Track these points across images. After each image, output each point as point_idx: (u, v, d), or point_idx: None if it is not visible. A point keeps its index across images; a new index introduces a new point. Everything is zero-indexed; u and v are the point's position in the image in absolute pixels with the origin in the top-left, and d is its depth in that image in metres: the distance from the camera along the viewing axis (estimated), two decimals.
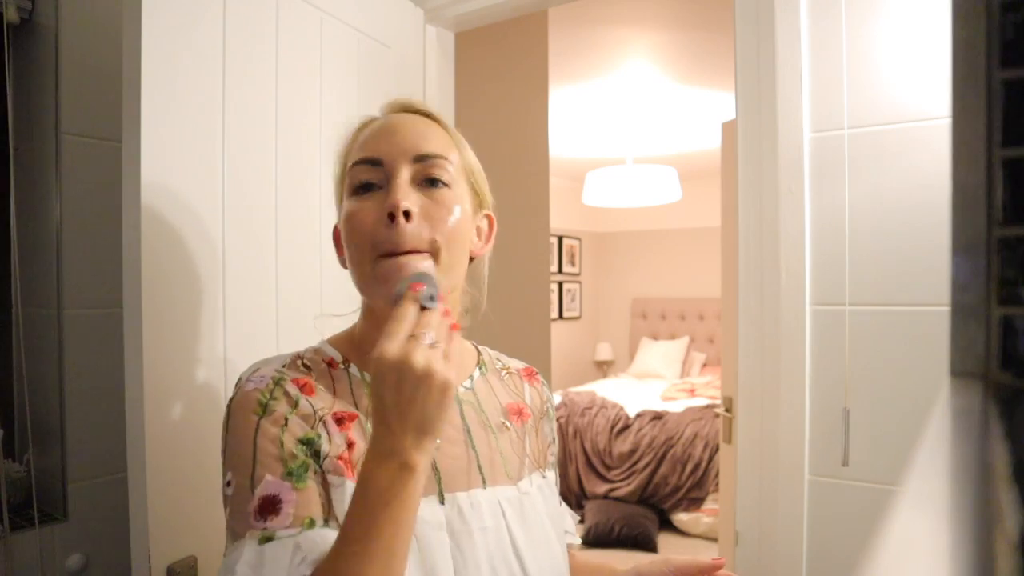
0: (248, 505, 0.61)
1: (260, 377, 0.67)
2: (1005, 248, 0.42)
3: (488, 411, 0.79)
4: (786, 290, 1.19)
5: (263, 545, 0.59)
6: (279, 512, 0.60)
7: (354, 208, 0.68)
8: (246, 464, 0.62)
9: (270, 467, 0.62)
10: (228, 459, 0.64)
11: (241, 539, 0.60)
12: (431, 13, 1.59)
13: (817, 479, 1.17)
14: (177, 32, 0.98)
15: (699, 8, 2.70)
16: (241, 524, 0.61)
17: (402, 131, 0.71)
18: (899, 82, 1.11)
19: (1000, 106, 0.42)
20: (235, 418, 0.65)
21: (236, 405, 0.66)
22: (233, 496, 0.62)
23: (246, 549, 0.59)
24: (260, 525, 0.60)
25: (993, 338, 0.43)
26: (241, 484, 0.62)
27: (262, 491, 0.61)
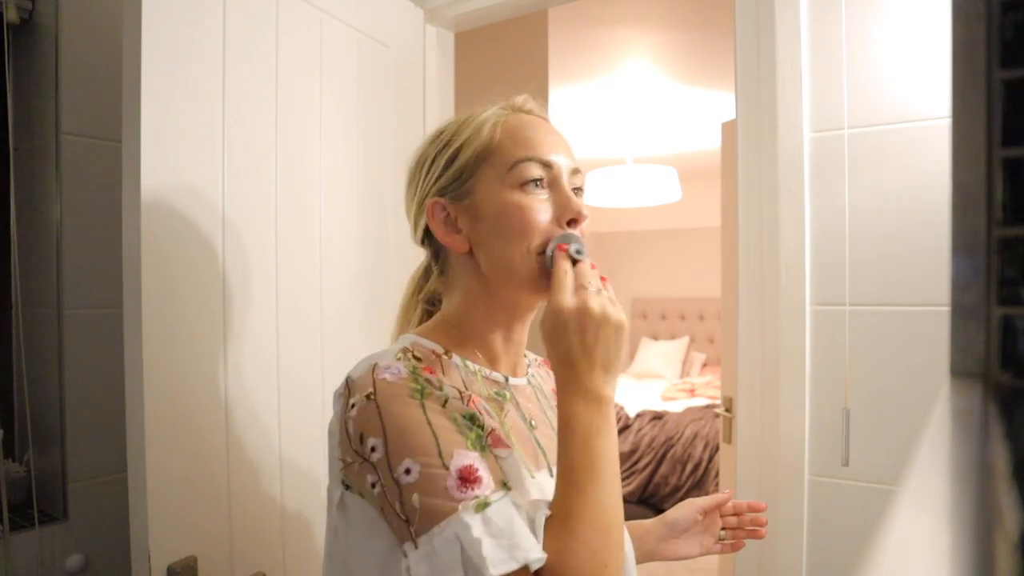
0: (445, 481, 0.59)
1: (394, 369, 0.66)
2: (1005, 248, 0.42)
3: (548, 395, 0.84)
4: (786, 290, 1.19)
5: (482, 512, 0.58)
6: (479, 480, 0.60)
7: (527, 202, 0.70)
8: (429, 444, 0.61)
9: (455, 441, 0.62)
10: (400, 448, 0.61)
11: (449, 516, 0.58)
12: (431, 13, 1.59)
13: (817, 479, 1.17)
14: (177, 32, 0.98)
15: (699, 8, 2.70)
16: (443, 502, 0.58)
17: (561, 141, 0.75)
18: (899, 82, 1.11)
19: (1000, 106, 0.42)
20: (391, 408, 0.63)
21: (385, 397, 0.63)
22: (422, 479, 0.59)
23: (468, 520, 0.57)
24: (469, 495, 0.59)
25: (993, 338, 0.43)
26: (429, 464, 0.60)
27: (457, 464, 0.60)
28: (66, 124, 1.32)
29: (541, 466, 0.72)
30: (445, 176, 0.74)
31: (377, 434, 0.62)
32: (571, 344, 0.63)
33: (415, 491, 0.59)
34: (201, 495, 1.00)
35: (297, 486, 1.17)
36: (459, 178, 0.73)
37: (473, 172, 0.73)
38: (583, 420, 0.62)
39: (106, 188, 1.34)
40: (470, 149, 0.73)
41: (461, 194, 0.73)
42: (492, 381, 0.75)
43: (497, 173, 0.71)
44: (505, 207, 0.70)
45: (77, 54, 1.34)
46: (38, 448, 1.33)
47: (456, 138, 0.75)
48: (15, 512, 1.29)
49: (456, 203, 0.74)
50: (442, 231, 0.75)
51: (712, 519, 0.93)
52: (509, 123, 0.74)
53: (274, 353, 1.14)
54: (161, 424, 0.94)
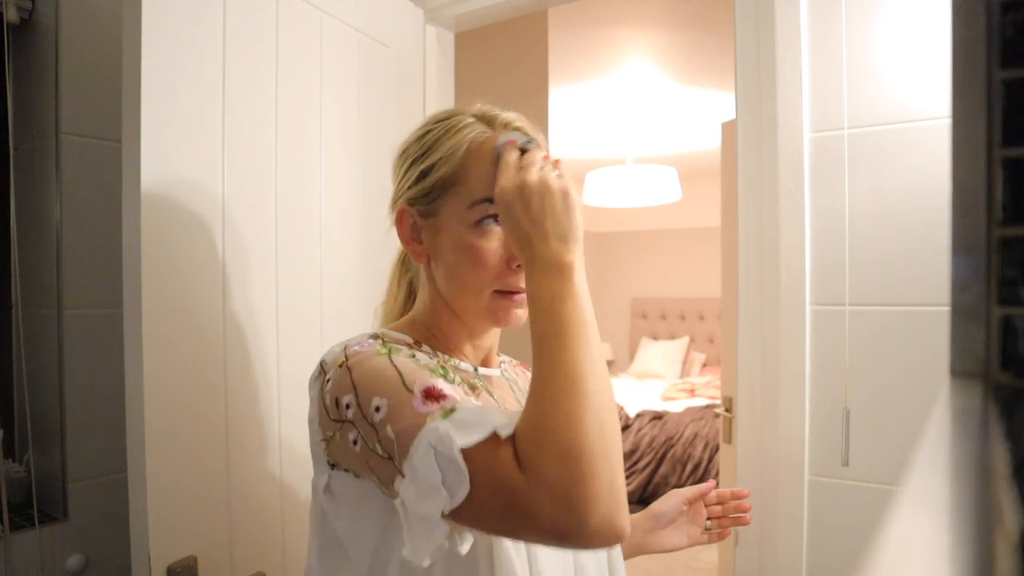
0: (411, 402, 0.59)
1: (366, 343, 0.69)
2: (1005, 248, 0.42)
3: (523, 389, 0.85)
4: (786, 290, 1.19)
5: (450, 416, 0.57)
6: (444, 396, 0.60)
7: (481, 244, 0.71)
8: (393, 379, 0.62)
9: (418, 372, 0.63)
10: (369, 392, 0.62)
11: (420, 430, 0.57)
12: (431, 13, 1.59)
13: (817, 479, 1.17)
14: (177, 32, 0.98)
15: (699, 8, 2.70)
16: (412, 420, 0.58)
17: None
18: (899, 82, 1.11)
19: (1000, 106, 0.42)
20: (361, 365, 0.65)
21: (356, 359, 0.66)
22: (391, 410, 0.60)
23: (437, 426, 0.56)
24: (435, 407, 0.58)
25: (993, 338, 0.43)
26: (395, 393, 0.61)
27: (420, 386, 0.61)
28: (66, 124, 1.32)
29: None
30: (416, 188, 0.76)
31: (349, 391, 0.64)
32: (519, 220, 0.64)
33: (387, 423, 0.60)
34: (201, 495, 1.00)
35: (297, 486, 1.17)
36: (427, 195, 0.75)
37: (439, 195, 0.74)
38: (545, 290, 0.61)
39: (106, 188, 1.34)
40: (440, 171, 0.74)
41: (427, 211, 0.75)
42: (462, 370, 0.76)
43: (460, 204, 0.72)
44: (460, 244, 0.72)
45: (77, 54, 1.34)
46: (38, 448, 1.33)
47: (433, 151, 0.75)
48: (15, 512, 1.29)
49: (422, 217, 0.76)
50: (406, 237, 0.78)
51: (697, 509, 0.94)
52: (483, 149, 0.73)
53: (274, 353, 1.14)
54: (161, 424, 0.94)
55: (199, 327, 1.01)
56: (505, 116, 0.77)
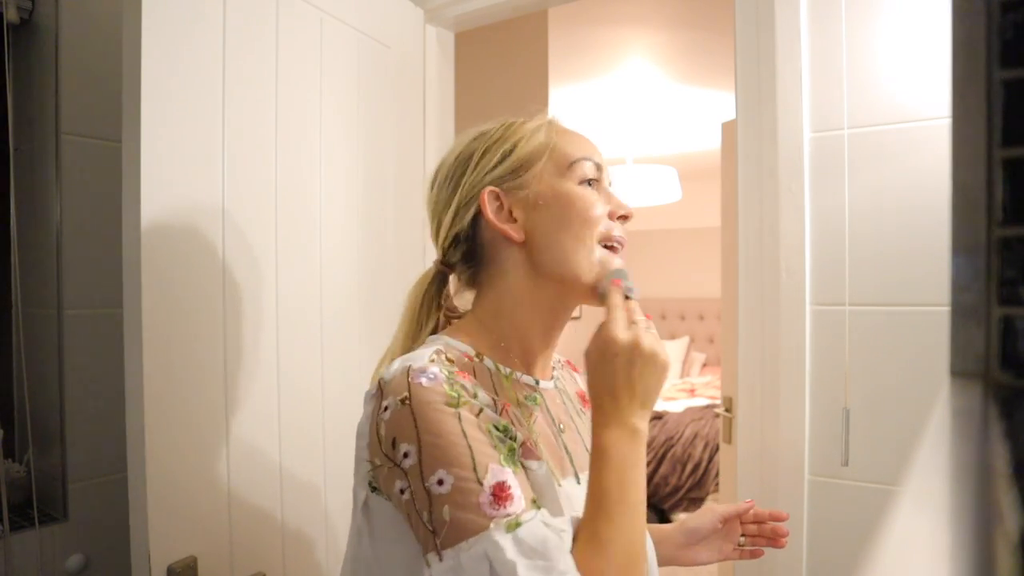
0: (478, 497, 0.58)
1: (431, 374, 0.64)
2: (1005, 248, 0.42)
3: (572, 397, 0.85)
4: (786, 290, 1.19)
5: (514, 532, 0.57)
6: (512, 498, 0.59)
7: (591, 197, 0.74)
8: (464, 457, 0.60)
9: (489, 455, 0.61)
10: (434, 457, 0.60)
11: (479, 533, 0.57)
12: (431, 13, 1.59)
13: (817, 479, 1.17)
14: (177, 32, 0.98)
15: (699, 8, 2.70)
16: (475, 517, 0.58)
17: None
18: (899, 82, 1.11)
19: (1000, 106, 0.42)
20: (427, 415, 0.61)
21: (421, 402, 0.62)
22: (454, 492, 0.59)
23: (498, 539, 0.57)
24: (501, 513, 0.58)
25: (993, 338, 0.43)
26: (464, 477, 0.59)
27: (491, 479, 0.59)
28: (66, 124, 1.32)
29: (567, 473, 0.72)
30: (500, 167, 0.75)
31: (411, 440, 0.61)
32: (617, 376, 0.64)
33: (446, 503, 0.59)
34: (201, 495, 1.00)
35: (297, 486, 1.17)
36: (516, 170, 0.74)
37: (531, 166, 0.74)
38: (619, 450, 0.63)
39: (106, 188, 1.34)
40: (529, 145, 0.75)
41: (518, 185, 0.74)
42: (523, 385, 0.75)
43: (556, 168, 0.74)
44: (568, 197, 0.73)
45: (77, 54, 1.33)
46: (38, 448, 1.33)
47: (507, 137, 0.76)
48: (15, 512, 1.28)
49: (511, 193, 0.74)
50: (496, 219, 0.74)
51: (732, 526, 0.92)
52: (559, 128, 0.78)
53: (274, 353, 1.14)
54: (161, 424, 0.94)
55: (199, 327, 1.01)
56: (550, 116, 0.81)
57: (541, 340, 0.77)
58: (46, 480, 1.35)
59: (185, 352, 0.99)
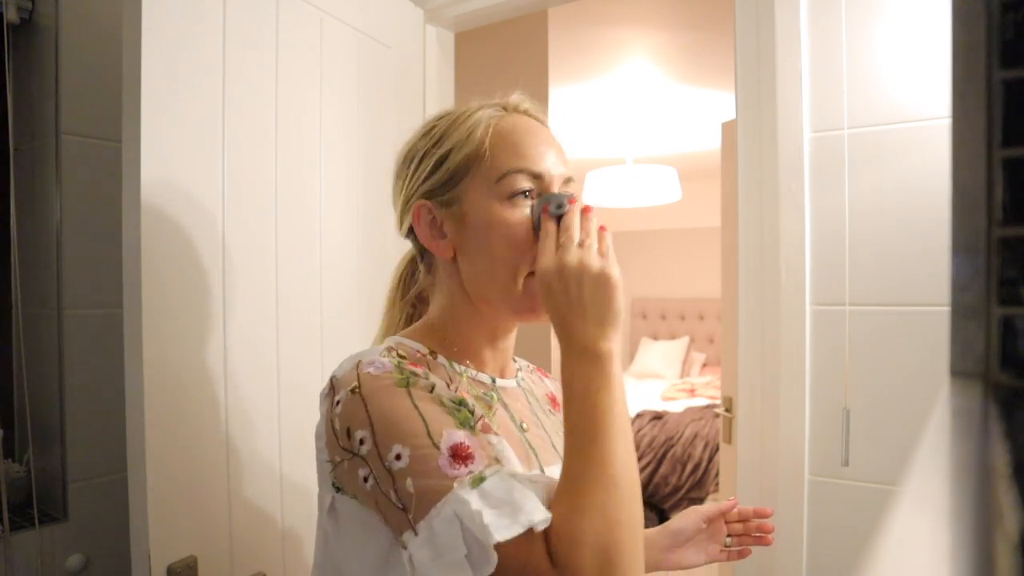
0: (437, 460, 0.57)
1: (379, 364, 0.64)
2: (1005, 248, 0.42)
3: (539, 398, 0.83)
4: (786, 290, 1.19)
5: (478, 486, 0.56)
6: (472, 457, 0.58)
7: (513, 218, 0.68)
8: (418, 426, 0.59)
9: (443, 422, 0.60)
10: (388, 435, 0.59)
11: (446, 494, 0.56)
12: (431, 13, 1.59)
13: (817, 479, 1.17)
14: (177, 32, 0.98)
15: (699, 8, 2.69)
16: (437, 481, 0.56)
17: (553, 147, 0.73)
18: (899, 82, 1.11)
19: (1000, 106, 0.42)
20: (378, 398, 0.61)
21: (371, 388, 0.62)
22: (413, 462, 0.58)
23: (465, 496, 0.55)
24: (463, 471, 0.56)
25: (993, 338, 0.43)
26: (420, 445, 0.58)
27: (447, 442, 0.58)
28: (66, 124, 1.32)
29: (533, 467, 0.71)
30: (433, 179, 0.72)
31: (364, 426, 0.60)
32: (557, 303, 0.62)
33: (408, 475, 0.57)
34: (201, 495, 1.00)
35: (297, 486, 1.17)
36: (447, 182, 0.71)
37: (461, 178, 0.70)
38: (581, 377, 0.60)
39: (106, 188, 1.34)
40: (460, 154, 0.71)
41: (448, 200, 0.71)
42: (479, 382, 0.74)
43: (485, 182, 0.69)
44: (491, 221, 0.69)
45: (77, 54, 1.33)
46: (38, 448, 1.33)
47: (446, 139, 0.72)
48: (15, 512, 1.28)
49: (442, 208, 0.72)
50: (426, 235, 0.73)
51: (717, 527, 0.90)
52: (501, 127, 0.71)
53: (274, 353, 1.14)
54: (161, 424, 0.94)
55: (199, 327, 1.01)
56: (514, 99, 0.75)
57: (489, 347, 0.76)
58: (46, 480, 1.35)
59: (185, 352, 0.99)
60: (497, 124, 0.71)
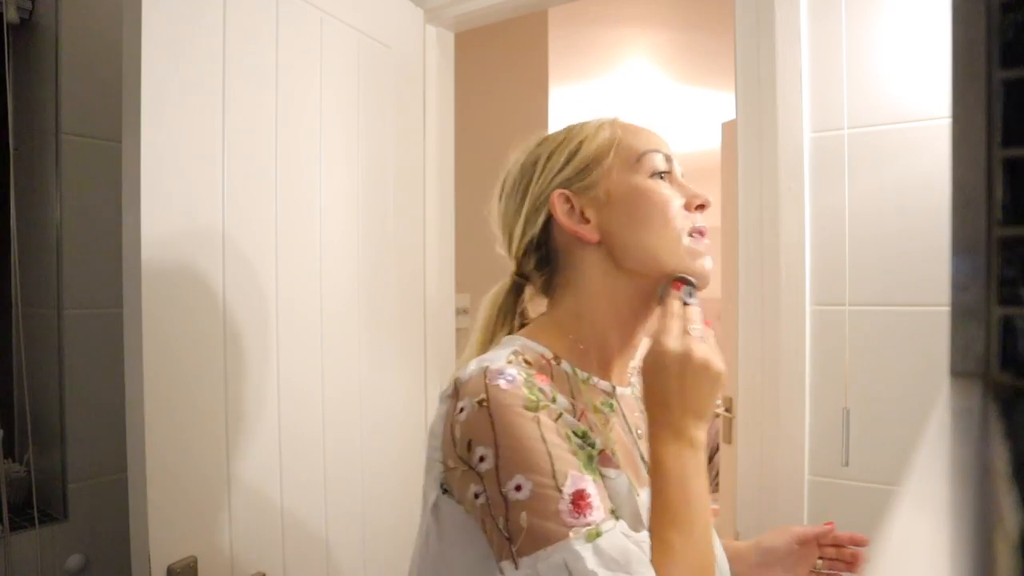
0: (558, 504, 0.57)
1: (509, 375, 0.63)
2: (1005, 248, 0.42)
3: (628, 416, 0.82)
4: (786, 290, 1.19)
5: (594, 541, 0.56)
6: (592, 507, 0.58)
7: (665, 191, 0.73)
8: (543, 463, 0.58)
9: (569, 462, 0.59)
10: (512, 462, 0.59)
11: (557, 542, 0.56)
12: (431, 13, 1.59)
13: (817, 479, 1.17)
14: (177, 32, 0.98)
15: (699, 8, 2.70)
16: (554, 526, 0.57)
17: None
18: (899, 82, 1.11)
19: (1000, 106, 0.42)
20: (505, 419, 0.60)
21: (499, 405, 0.61)
22: (532, 499, 0.58)
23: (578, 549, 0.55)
24: (581, 522, 0.57)
25: (993, 338, 0.43)
26: (543, 484, 0.58)
27: (571, 487, 0.58)
28: (66, 124, 1.32)
29: (644, 483, 0.71)
30: (568, 168, 0.74)
31: (488, 444, 0.60)
32: (669, 387, 0.63)
33: (524, 509, 0.57)
34: (201, 495, 1.00)
35: (297, 487, 1.17)
36: (584, 169, 0.73)
37: (599, 164, 0.73)
38: (677, 461, 0.62)
39: (106, 188, 1.34)
40: (594, 143, 0.74)
41: (587, 185, 0.73)
42: (600, 391, 0.73)
43: (625, 163, 0.73)
44: (641, 192, 0.72)
45: (77, 54, 1.33)
46: (38, 448, 1.33)
47: (571, 138, 0.76)
48: (15, 512, 1.29)
49: (581, 194, 0.73)
50: (569, 221, 0.73)
51: (809, 548, 0.88)
52: (623, 123, 0.77)
53: (274, 353, 1.14)
54: (161, 424, 0.94)
55: (199, 327, 1.01)
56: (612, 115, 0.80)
57: (620, 342, 0.75)
58: (46, 480, 1.35)
59: (185, 352, 0.99)
60: (620, 121, 0.78)
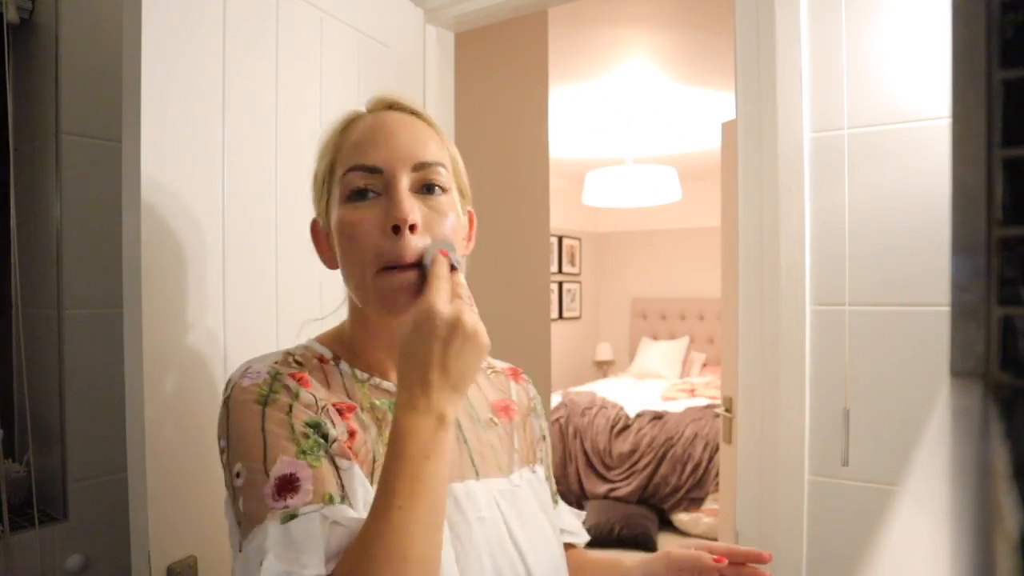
0: (264, 488, 0.58)
1: (255, 373, 0.66)
2: (1005, 248, 0.42)
3: (476, 407, 0.81)
4: (786, 290, 1.19)
5: (287, 524, 0.56)
6: (298, 490, 0.58)
7: (352, 217, 0.66)
8: (256, 450, 0.60)
9: (283, 448, 0.60)
10: (235, 452, 0.62)
11: (261, 523, 0.57)
12: (431, 13, 1.59)
13: (817, 479, 1.17)
14: (177, 32, 0.98)
15: (699, 8, 2.70)
16: (259, 507, 0.58)
17: (399, 135, 0.69)
18: (899, 82, 1.11)
19: (1000, 106, 0.42)
20: (236, 412, 0.63)
21: (235, 401, 0.64)
22: (245, 484, 0.60)
23: (270, 530, 0.56)
24: (280, 504, 0.57)
25: (993, 338, 0.43)
26: (253, 469, 0.60)
27: (277, 471, 0.59)
28: (66, 124, 1.32)
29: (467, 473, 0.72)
30: (313, 194, 0.75)
31: (224, 436, 0.64)
32: (432, 353, 0.59)
33: (241, 495, 0.60)
34: (201, 495, 1.00)
35: None
36: (319, 195, 0.74)
37: (327, 189, 0.72)
38: (417, 438, 0.58)
39: (106, 188, 1.34)
40: (323, 163, 0.73)
41: (323, 211, 0.73)
42: (382, 390, 0.73)
43: (335, 188, 0.70)
44: (339, 224, 0.68)
45: (77, 54, 1.33)
46: (38, 448, 1.33)
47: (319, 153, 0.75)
48: (15, 512, 1.28)
49: (324, 220, 0.74)
50: (319, 248, 0.76)
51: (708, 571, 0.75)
52: (352, 127, 0.71)
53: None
54: (161, 424, 0.94)
55: (199, 327, 1.01)
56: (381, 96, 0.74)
57: (386, 355, 0.74)
58: (46, 480, 1.35)
59: (185, 352, 0.99)
60: (347, 127, 0.72)
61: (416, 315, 0.60)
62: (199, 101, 1.02)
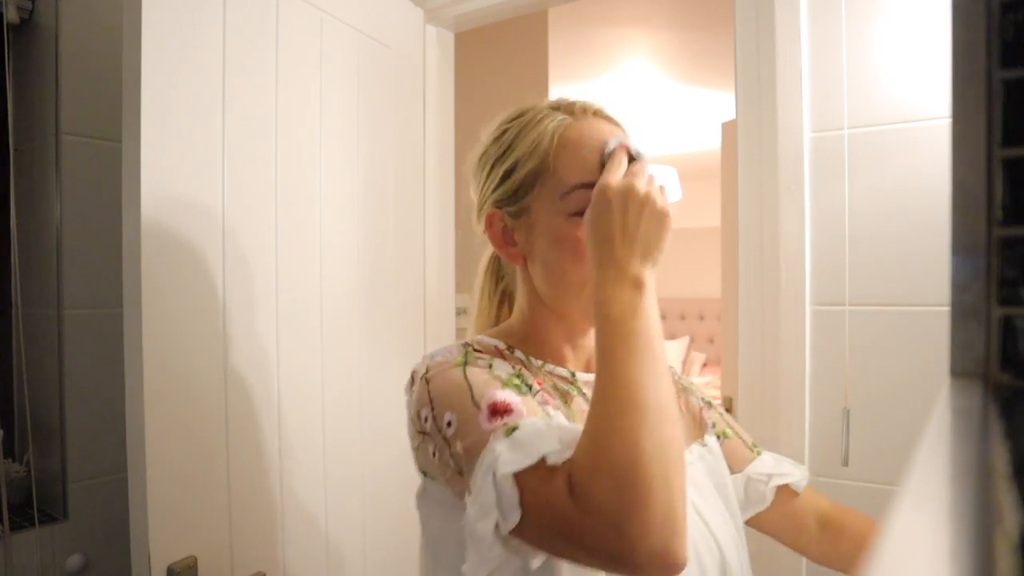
0: (477, 418, 0.59)
1: (446, 351, 0.68)
2: (1005, 248, 0.42)
3: None
4: (786, 290, 1.19)
5: (511, 435, 0.55)
6: (512, 410, 0.58)
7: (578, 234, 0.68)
8: (464, 393, 0.61)
9: (488, 383, 0.62)
10: (442, 405, 0.62)
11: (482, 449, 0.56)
12: (431, 13, 1.59)
13: (817, 479, 1.17)
14: (177, 32, 0.98)
15: (699, 8, 2.70)
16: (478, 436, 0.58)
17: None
18: (899, 82, 1.11)
19: (1000, 106, 0.42)
20: (437, 379, 0.65)
21: (434, 373, 0.66)
22: (459, 425, 0.60)
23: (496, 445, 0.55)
24: (498, 423, 0.57)
25: (993, 338, 0.43)
26: (465, 408, 0.60)
27: (488, 400, 0.59)
28: (66, 124, 1.32)
29: None
30: (502, 189, 0.73)
31: (426, 404, 0.64)
32: (612, 222, 0.61)
33: (457, 438, 0.59)
34: (201, 495, 1.00)
35: (297, 486, 1.17)
36: (515, 194, 0.72)
37: (528, 191, 0.71)
38: (616, 301, 0.59)
39: (106, 188, 1.34)
40: (525, 168, 0.71)
41: (518, 210, 0.72)
42: (557, 376, 0.74)
43: (552, 196, 0.69)
44: (557, 237, 0.69)
45: (77, 54, 1.34)
46: (38, 448, 1.33)
47: (513, 149, 0.73)
48: (15, 512, 1.29)
49: (513, 216, 0.73)
50: (498, 241, 0.74)
51: None
52: (566, 137, 0.71)
53: (274, 353, 1.14)
54: (161, 424, 0.94)
55: (199, 327, 1.01)
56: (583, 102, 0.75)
57: (568, 344, 0.76)
58: (46, 480, 1.35)
59: (185, 352, 0.99)
60: (563, 134, 0.71)
61: (594, 195, 0.63)
62: (199, 101, 1.01)
